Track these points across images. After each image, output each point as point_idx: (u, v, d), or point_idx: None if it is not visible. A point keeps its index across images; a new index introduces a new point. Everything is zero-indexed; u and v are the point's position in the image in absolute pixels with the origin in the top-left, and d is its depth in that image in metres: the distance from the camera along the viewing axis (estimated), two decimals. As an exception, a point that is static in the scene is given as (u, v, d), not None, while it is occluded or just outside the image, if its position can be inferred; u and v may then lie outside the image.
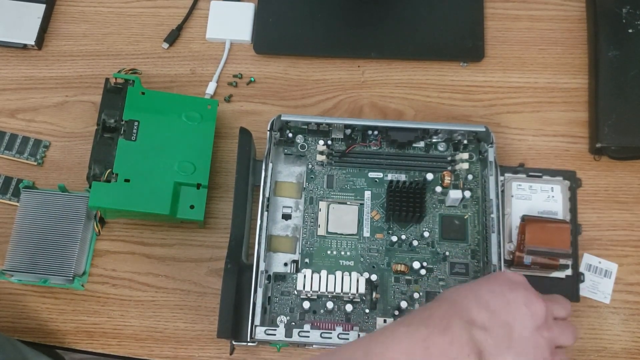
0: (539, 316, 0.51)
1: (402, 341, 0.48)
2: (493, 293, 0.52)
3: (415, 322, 0.50)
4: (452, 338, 0.48)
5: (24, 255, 0.66)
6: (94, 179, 0.65)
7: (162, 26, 0.79)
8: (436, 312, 0.51)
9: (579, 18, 0.79)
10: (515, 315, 0.51)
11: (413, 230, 0.68)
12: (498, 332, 0.50)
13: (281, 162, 0.71)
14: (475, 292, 0.52)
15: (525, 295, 0.52)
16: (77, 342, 0.67)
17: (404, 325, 0.50)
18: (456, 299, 0.52)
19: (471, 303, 0.51)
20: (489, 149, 0.67)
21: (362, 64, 0.78)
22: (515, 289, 0.52)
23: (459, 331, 0.49)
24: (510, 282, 0.53)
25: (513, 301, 0.51)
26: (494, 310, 0.51)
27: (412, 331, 0.49)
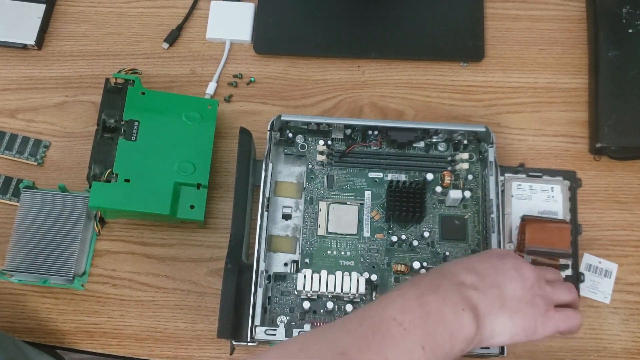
0: (529, 278, 0.53)
1: (396, 302, 0.49)
2: (480, 261, 0.54)
3: (406, 287, 0.51)
4: (444, 296, 0.49)
5: (24, 255, 0.66)
6: (94, 179, 0.65)
7: (162, 26, 0.79)
8: (425, 278, 0.52)
9: (579, 18, 0.79)
10: (504, 278, 0.52)
11: (413, 230, 0.68)
12: (489, 292, 0.51)
13: (281, 162, 0.71)
14: (463, 261, 0.55)
15: (513, 262, 0.54)
16: (77, 342, 0.67)
17: (395, 290, 0.51)
18: (443, 267, 0.54)
19: (459, 269, 0.52)
20: (489, 149, 0.67)
21: (362, 64, 0.78)
22: (503, 258, 0.54)
23: (450, 291, 0.50)
24: (498, 253, 0.56)
25: (501, 267, 0.53)
26: (483, 273, 0.52)
27: (403, 293, 0.50)
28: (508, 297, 0.51)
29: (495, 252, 0.57)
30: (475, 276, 0.52)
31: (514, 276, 0.53)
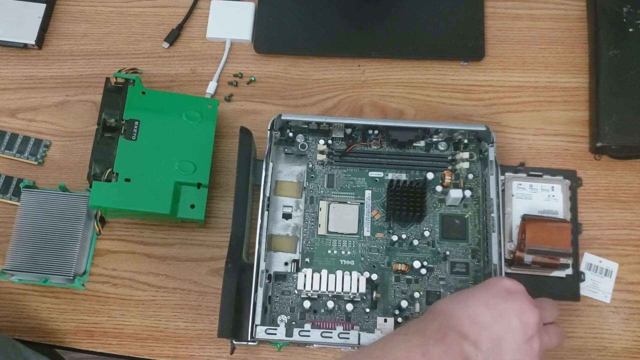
0: (530, 327, 0.52)
1: (401, 348, 0.49)
2: (486, 305, 0.53)
3: (412, 332, 0.51)
4: (447, 348, 0.50)
5: (25, 255, 0.66)
6: (94, 178, 0.65)
7: (163, 26, 0.79)
8: (431, 324, 0.52)
9: (579, 17, 0.78)
10: (507, 328, 0.52)
11: (413, 229, 0.68)
12: (488, 346, 0.51)
13: (281, 161, 0.71)
14: (469, 305, 0.53)
15: (519, 306, 0.53)
16: (78, 341, 0.67)
17: (401, 334, 0.52)
18: (450, 312, 0.53)
19: (463, 318, 0.52)
20: (490, 148, 0.67)
21: (362, 63, 0.78)
22: (509, 299, 0.53)
23: (453, 342, 0.50)
24: (505, 291, 0.54)
25: (506, 313, 0.52)
26: (486, 325, 0.52)
27: (409, 339, 0.50)
28: (506, 350, 0.51)
29: (501, 287, 0.54)
30: (477, 328, 0.51)
31: (517, 325, 0.52)
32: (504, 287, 0.54)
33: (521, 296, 0.54)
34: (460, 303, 0.53)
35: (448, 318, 0.52)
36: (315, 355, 0.66)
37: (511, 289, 0.54)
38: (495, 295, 0.53)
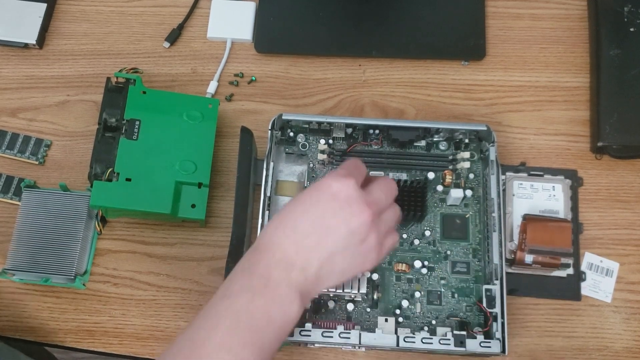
0: (361, 229, 0.50)
1: (227, 318, 0.46)
2: (313, 225, 0.49)
3: (237, 290, 0.48)
4: (272, 296, 0.47)
5: (26, 255, 0.66)
6: (95, 178, 0.66)
7: (163, 25, 0.79)
8: (256, 269, 0.48)
9: (580, 17, 0.78)
10: (336, 240, 0.49)
11: (414, 229, 0.68)
12: (318, 265, 0.49)
13: (282, 161, 0.71)
14: (296, 230, 0.49)
15: (347, 213, 0.49)
16: (79, 341, 0.68)
17: (226, 298, 0.48)
18: (277, 243, 0.49)
19: (290, 247, 0.49)
20: (490, 147, 0.67)
21: (363, 62, 0.78)
22: (337, 210, 0.49)
23: (279, 283, 0.48)
24: (333, 199, 0.50)
25: (334, 227, 0.49)
26: (313, 246, 0.49)
27: (233, 303, 0.47)
28: (338, 262, 0.50)
29: (331, 195, 0.50)
30: (305, 253, 0.48)
31: (346, 235, 0.49)
32: (332, 194, 0.50)
33: (348, 200, 0.50)
34: (286, 229, 0.49)
35: (273, 252, 0.49)
36: (316, 355, 0.66)
37: (338, 193, 0.50)
38: (324, 210, 0.49)
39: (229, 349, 0.45)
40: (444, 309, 0.65)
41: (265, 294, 0.47)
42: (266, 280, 0.48)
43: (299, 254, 0.49)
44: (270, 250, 0.49)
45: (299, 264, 0.49)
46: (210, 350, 0.45)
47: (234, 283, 0.48)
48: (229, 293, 0.48)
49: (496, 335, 0.61)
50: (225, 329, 0.46)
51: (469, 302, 0.65)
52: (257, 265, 0.49)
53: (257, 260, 0.49)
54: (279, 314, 0.47)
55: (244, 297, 0.47)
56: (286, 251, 0.49)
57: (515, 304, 0.67)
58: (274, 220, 0.51)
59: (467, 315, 0.64)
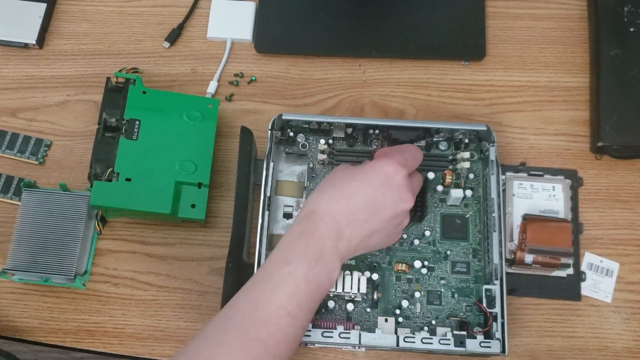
0: (402, 214, 0.57)
1: (287, 284, 0.52)
2: (366, 202, 0.55)
3: (295, 259, 0.53)
4: (325, 265, 0.53)
5: (26, 255, 0.66)
6: (95, 178, 0.66)
7: (163, 25, 0.79)
8: (311, 240, 0.53)
9: (580, 17, 0.78)
10: (380, 221, 0.56)
11: (414, 229, 0.68)
12: (360, 239, 0.55)
13: (282, 161, 0.71)
14: (350, 203, 0.54)
15: (397, 197, 0.56)
16: (79, 341, 0.67)
17: (286, 264, 0.53)
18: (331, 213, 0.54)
19: (343, 219, 0.54)
20: (490, 147, 0.67)
21: (363, 63, 0.78)
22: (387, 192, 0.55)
23: (329, 256, 0.53)
24: (386, 181, 0.55)
25: (383, 208, 0.55)
26: (362, 222, 0.55)
27: (292, 270, 0.52)
28: (375, 238, 0.56)
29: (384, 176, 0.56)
30: (353, 228, 0.54)
31: (390, 218, 0.56)
32: (386, 176, 0.55)
33: (399, 187, 0.56)
34: (342, 201, 0.55)
35: (327, 222, 0.54)
36: (316, 355, 0.66)
37: (392, 178, 0.55)
38: (377, 191, 0.55)
39: (288, 311, 0.51)
40: (444, 309, 0.65)
41: (320, 264, 0.53)
42: (320, 250, 0.53)
43: (348, 227, 0.54)
44: (324, 220, 0.54)
45: (347, 236, 0.54)
46: (272, 312, 0.50)
47: (293, 250, 0.53)
48: (289, 259, 0.53)
49: (496, 336, 0.61)
50: (286, 294, 0.51)
51: (469, 302, 0.65)
52: (313, 234, 0.54)
53: (314, 228, 0.54)
54: (326, 280, 0.53)
55: (302, 266, 0.52)
56: (339, 222, 0.54)
57: (515, 304, 0.67)
58: (327, 189, 0.56)
59: (467, 315, 0.64)
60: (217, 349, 0.48)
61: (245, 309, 0.51)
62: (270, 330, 0.50)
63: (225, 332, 0.49)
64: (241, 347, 0.48)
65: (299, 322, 0.52)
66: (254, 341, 0.49)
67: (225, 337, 0.49)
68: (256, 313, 0.50)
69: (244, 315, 0.50)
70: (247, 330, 0.49)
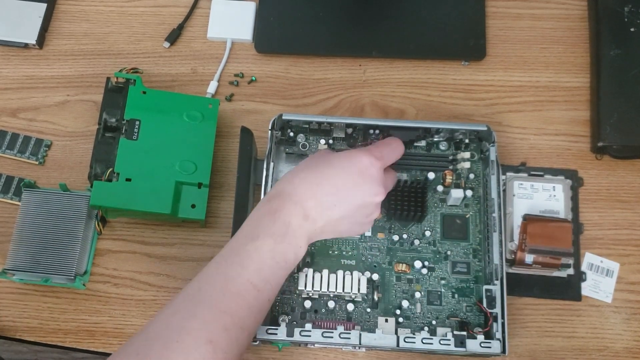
0: (372, 205, 0.58)
1: (253, 260, 0.53)
2: (336, 189, 0.56)
3: (262, 234, 0.54)
4: (290, 241, 0.55)
5: (26, 255, 0.66)
6: (95, 178, 0.66)
7: (163, 25, 0.79)
8: (278, 217, 0.55)
9: (580, 17, 0.78)
10: (348, 209, 0.57)
11: (414, 229, 0.68)
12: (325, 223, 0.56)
13: (282, 161, 0.71)
14: (320, 187, 0.56)
15: (368, 189, 0.57)
16: (79, 341, 0.67)
17: (253, 240, 0.54)
18: (300, 194, 0.56)
19: (311, 201, 0.55)
20: (491, 148, 0.67)
21: (363, 62, 0.78)
22: (360, 183, 0.57)
23: (295, 231, 0.55)
24: (359, 172, 0.57)
25: (352, 197, 0.57)
26: (329, 207, 0.56)
27: (259, 245, 0.54)
28: (343, 225, 0.58)
29: (359, 167, 0.57)
30: (320, 210, 0.55)
31: (358, 207, 0.57)
32: (360, 166, 0.57)
33: (372, 176, 0.57)
34: (312, 184, 0.56)
35: (295, 202, 0.55)
36: (316, 355, 0.66)
37: (365, 169, 0.57)
38: (347, 179, 0.56)
39: (254, 284, 0.53)
40: (444, 309, 0.65)
41: (285, 240, 0.54)
42: (286, 228, 0.54)
43: (315, 209, 0.55)
44: (292, 199, 0.55)
45: (312, 216, 0.55)
46: (240, 284, 0.52)
47: (259, 226, 0.55)
48: (255, 235, 0.54)
49: (496, 336, 0.61)
50: (253, 269, 0.53)
51: (469, 303, 0.65)
52: (280, 212, 0.55)
53: (281, 207, 0.55)
54: (292, 256, 0.55)
55: (268, 242, 0.54)
56: (306, 203, 0.55)
57: (516, 304, 0.67)
58: (301, 171, 0.58)
59: (467, 316, 0.64)
60: (188, 322, 0.50)
61: (215, 282, 0.52)
62: (238, 303, 0.51)
63: (196, 305, 0.51)
64: (211, 319, 0.50)
65: (265, 295, 0.53)
66: (223, 313, 0.50)
67: (196, 310, 0.50)
68: (226, 286, 0.52)
69: (214, 288, 0.52)
70: (217, 302, 0.51)
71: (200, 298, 0.51)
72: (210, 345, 0.49)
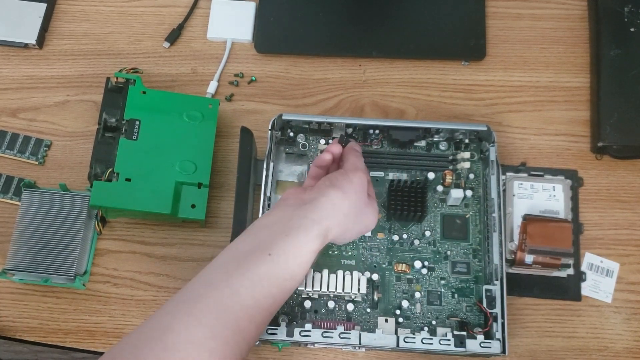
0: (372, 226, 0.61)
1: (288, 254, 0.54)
2: (333, 206, 0.56)
3: (295, 226, 0.55)
4: (308, 238, 0.55)
5: (26, 255, 0.66)
6: (95, 178, 0.66)
7: (163, 25, 0.79)
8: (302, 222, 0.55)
9: (580, 17, 0.78)
10: (356, 230, 0.60)
11: (414, 229, 0.68)
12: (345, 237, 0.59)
13: (282, 161, 0.71)
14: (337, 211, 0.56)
15: (372, 215, 0.60)
16: (79, 341, 0.67)
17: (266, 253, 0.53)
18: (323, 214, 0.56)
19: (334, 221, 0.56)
20: (491, 148, 0.67)
21: (363, 63, 0.78)
22: (368, 208, 0.59)
23: (315, 237, 0.55)
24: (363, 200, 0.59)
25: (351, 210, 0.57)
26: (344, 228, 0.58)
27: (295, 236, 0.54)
28: (348, 233, 0.59)
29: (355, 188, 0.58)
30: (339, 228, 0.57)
31: (362, 230, 0.60)
32: (360, 187, 0.58)
33: (373, 207, 0.60)
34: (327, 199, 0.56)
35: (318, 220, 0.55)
36: (316, 355, 0.66)
37: (362, 188, 0.58)
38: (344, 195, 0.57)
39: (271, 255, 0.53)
40: (444, 309, 0.65)
41: (305, 236, 0.54)
42: (305, 228, 0.55)
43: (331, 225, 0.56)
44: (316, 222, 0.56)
45: (332, 236, 0.57)
46: None
47: (295, 220, 0.55)
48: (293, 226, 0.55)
49: (496, 336, 0.61)
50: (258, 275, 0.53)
51: (469, 303, 0.65)
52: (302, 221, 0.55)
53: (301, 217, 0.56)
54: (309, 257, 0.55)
55: (302, 234, 0.54)
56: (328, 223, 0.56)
57: (515, 304, 0.67)
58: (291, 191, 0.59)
59: (467, 316, 0.64)
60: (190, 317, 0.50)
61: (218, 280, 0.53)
62: None
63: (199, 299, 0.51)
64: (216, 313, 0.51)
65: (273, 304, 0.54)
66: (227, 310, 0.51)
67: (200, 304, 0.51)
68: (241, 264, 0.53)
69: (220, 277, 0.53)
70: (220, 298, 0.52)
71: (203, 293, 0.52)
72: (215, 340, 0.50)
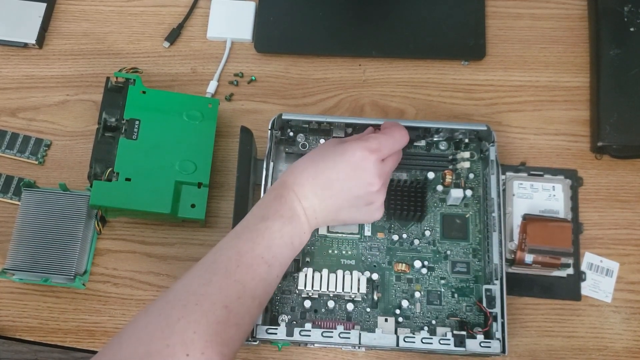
0: (371, 194, 0.60)
1: (264, 237, 0.56)
2: (329, 180, 0.59)
3: (272, 214, 0.57)
4: (296, 224, 0.58)
5: (25, 254, 0.66)
6: (95, 177, 0.66)
7: (163, 25, 0.79)
8: (285, 199, 0.58)
9: (580, 16, 0.78)
10: (347, 199, 0.60)
11: (414, 229, 0.68)
12: (325, 212, 0.60)
13: (282, 160, 0.71)
14: (317, 178, 0.59)
15: (364, 181, 0.59)
16: (79, 341, 0.67)
17: (264, 220, 0.57)
18: (300, 184, 0.59)
19: (309, 190, 0.58)
20: (490, 147, 0.67)
21: (363, 62, 0.78)
22: (356, 175, 0.59)
23: (299, 216, 0.58)
24: (355, 165, 0.59)
25: (348, 188, 0.59)
26: (327, 197, 0.59)
27: (269, 225, 0.57)
28: (343, 214, 0.61)
29: (355, 160, 0.59)
30: (318, 200, 0.59)
31: (357, 197, 0.60)
32: (352, 161, 0.59)
33: (365, 169, 0.59)
34: (309, 177, 0.59)
35: (296, 191, 0.58)
36: (316, 355, 0.66)
37: (359, 163, 0.59)
38: (341, 173, 0.59)
39: (265, 259, 0.56)
40: (444, 309, 0.65)
41: (292, 222, 0.58)
42: (292, 212, 0.58)
43: (314, 199, 0.59)
44: (294, 189, 0.59)
45: (314, 206, 0.59)
46: (252, 258, 0.55)
47: (269, 209, 0.58)
48: (265, 216, 0.57)
49: (496, 335, 0.61)
50: (264, 246, 0.56)
51: (469, 302, 0.65)
52: (286, 197, 0.58)
53: (287, 193, 0.58)
54: (297, 239, 0.58)
55: (277, 222, 0.57)
56: (307, 193, 0.59)
57: (515, 304, 0.67)
58: (302, 163, 0.60)
59: (467, 315, 0.64)
60: (205, 288, 0.53)
61: (229, 255, 0.56)
62: (250, 275, 0.55)
63: (213, 273, 0.54)
64: (225, 286, 0.54)
65: (274, 271, 0.57)
66: (237, 282, 0.54)
67: (212, 278, 0.54)
68: (239, 258, 0.55)
69: (229, 259, 0.55)
70: (231, 273, 0.54)
71: (215, 268, 0.55)
72: (225, 310, 0.52)
